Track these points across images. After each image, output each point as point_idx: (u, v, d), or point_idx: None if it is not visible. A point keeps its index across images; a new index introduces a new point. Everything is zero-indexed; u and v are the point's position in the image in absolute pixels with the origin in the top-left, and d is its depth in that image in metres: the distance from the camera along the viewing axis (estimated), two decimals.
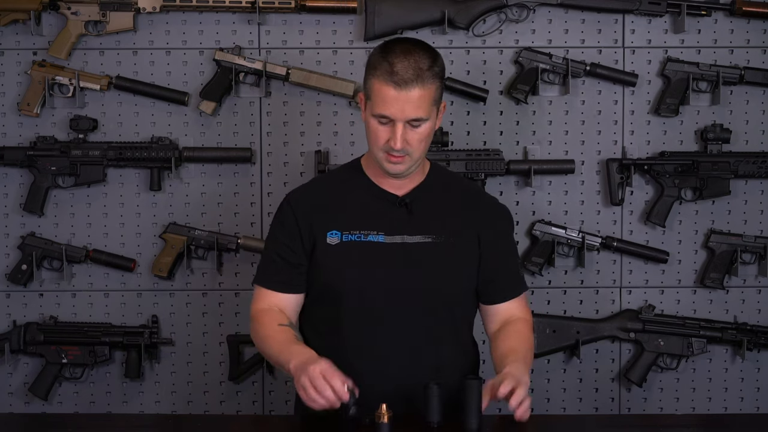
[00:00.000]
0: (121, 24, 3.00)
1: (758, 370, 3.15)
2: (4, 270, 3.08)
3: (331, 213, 2.18)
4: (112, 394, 3.12)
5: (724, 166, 3.05)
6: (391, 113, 2.06)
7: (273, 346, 2.15)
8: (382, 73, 2.07)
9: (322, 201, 2.20)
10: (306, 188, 2.28)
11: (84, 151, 3.01)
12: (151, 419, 2.68)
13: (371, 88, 2.09)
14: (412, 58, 2.07)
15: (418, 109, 2.07)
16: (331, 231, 2.17)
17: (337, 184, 2.25)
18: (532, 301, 3.12)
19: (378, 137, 2.10)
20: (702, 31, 3.07)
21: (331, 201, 2.20)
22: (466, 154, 3.02)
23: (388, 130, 2.09)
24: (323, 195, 2.22)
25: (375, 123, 2.10)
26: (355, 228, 2.17)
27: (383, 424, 1.93)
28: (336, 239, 2.17)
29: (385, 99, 2.06)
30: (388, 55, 2.08)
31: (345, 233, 2.17)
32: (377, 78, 2.08)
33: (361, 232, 2.17)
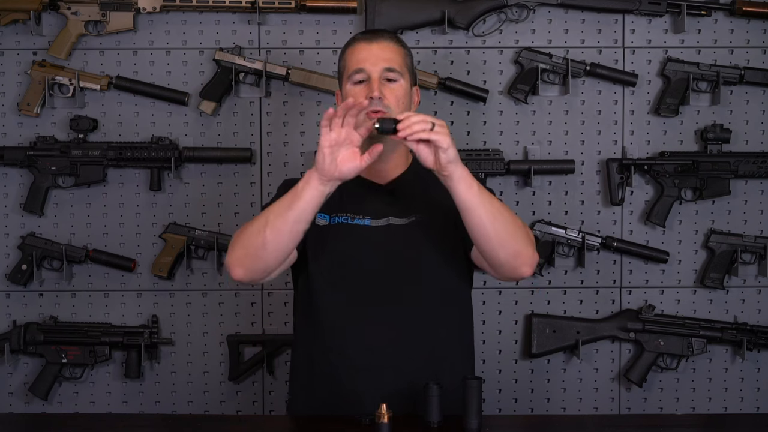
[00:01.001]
0: (121, 24, 3.00)
1: (758, 370, 3.15)
2: (4, 270, 3.08)
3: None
4: (112, 394, 3.12)
5: (724, 166, 3.05)
6: (365, 66, 2.14)
7: (274, 208, 2.06)
8: (351, 41, 2.21)
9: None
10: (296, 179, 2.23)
11: (84, 151, 3.01)
12: (151, 419, 2.68)
13: (344, 59, 2.19)
14: (376, 30, 2.26)
15: (391, 60, 2.16)
16: (320, 213, 2.13)
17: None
18: (532, 302, 3.12)
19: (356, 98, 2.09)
20: (702, 31, 3.07)
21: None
22: (466, 154, 3.02)
23: (364, 89, 2.13)
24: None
25: (353, 88, 2.16)
26: (343, 211, 2.20)
27: (383, 424, 1.94)
28: (324, 221, 2.18)
29: (359, 55, 2.16)
30: (355, 35, 2.23)
31: (333, 216, 2.18)
32: (347, 47, 2.20)
33: (348, 215, 2.19)
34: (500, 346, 3.14)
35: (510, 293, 3.12)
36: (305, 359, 2.21)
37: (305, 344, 2.22)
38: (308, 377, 2.21)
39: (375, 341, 2.15)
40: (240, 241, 2.08)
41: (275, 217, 2.04)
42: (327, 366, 2.17)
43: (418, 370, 2.15)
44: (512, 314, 3.13)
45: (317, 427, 2.08)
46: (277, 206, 2.06)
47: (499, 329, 3.14)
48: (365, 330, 2.15)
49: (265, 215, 2.06)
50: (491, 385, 3.11)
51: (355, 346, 2.15)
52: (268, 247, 2.05)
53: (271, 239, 2.04)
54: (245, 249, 2.07)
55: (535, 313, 3.11)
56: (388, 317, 2.16)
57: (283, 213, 2.04)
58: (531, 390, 3.15)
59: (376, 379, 2.13)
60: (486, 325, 3.13)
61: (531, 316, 3.10)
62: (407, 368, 2.16)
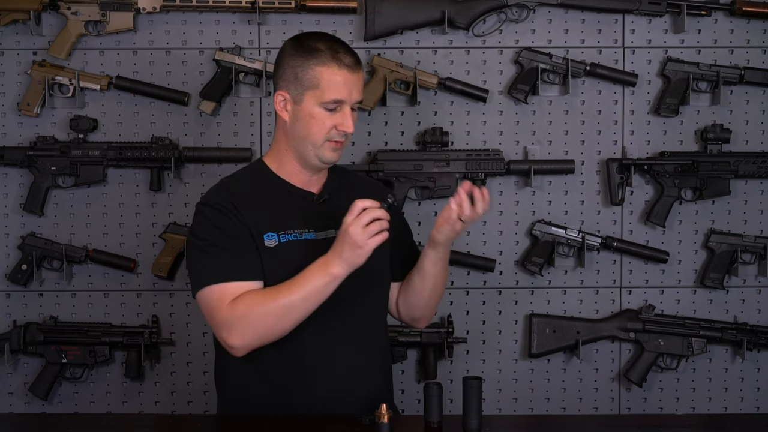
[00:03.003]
0: (121, 24, 3.00)
1: (758, 370, 3.15)
2: (4, 270, 3.08)
3: (260, 214, 2.13)
4: (112, 394, 3.12)
5: (724, 166, 3.05)
6: (344, 96, 2.12)
7: (285, 294, 2.03)
8: (329, 60, 2.12)
9: (246, 202, 2.13)
10: (220, 190, 2.18)
11: (84, 151, 3.01)
12: (151, 419, 2.68)
13: (316, 76, 2.11)
14: (344, 45, 2.16)
15: (361, 92, 2.17)
16: (267, 233, 2.12)
17: (249, 185, 2.19)
18: (532, 302, 3.12)
19: (324, 125, 2.13)
20: (702, 31, 3.07)
21: (254, 202, 2.14)
22: (466, 154, 3.02)
23: (335, 117, 2.13)
24: (244, 197, 2.14)
25: (322, 112, 2.13)
26: (289, 228, 2.15)
27: (383, 424, 1.94)
28: (274, 241, 2.12)
29: (338, 84, 2.12)
30: (320, 42, 2.14)
31: (281, 234, 2.14)
32: (324, 65, 2.12)
33: (295, 231, 2.16)
34: (500, 346, 3.14)
35: (510, 293, 3.12)
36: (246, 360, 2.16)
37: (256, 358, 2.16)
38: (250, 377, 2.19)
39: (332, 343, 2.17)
40: (252, 329, 2.05)
41: (297, 312, 2.04)
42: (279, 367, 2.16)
43: (370, 369, 2.22)
44: (512, 314, 3.13)
45: (317, 427, 2.08)
46: (289, 300, 2.03)
47: (499, 329, 3.14)
48: (325, 335, 2.15)
49: (276, 309, 2.03)
50: (491, 385, 3.11)
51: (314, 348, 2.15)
52: (285, 333, 2.07)
53: (291, 327, 2.07)
54: (260, 338, 2.06)
55: (535, 313, 3.11)
56: (346, 316, 2.17)
57: (306, 307, 2.04)
58: (531, 390, 3.15)
59: (328, 379, 2.16)
60: (486, 325, 3.13)
61: (531, 316, 3.10)
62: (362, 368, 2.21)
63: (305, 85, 2.13)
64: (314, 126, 2.14)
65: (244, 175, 2.24)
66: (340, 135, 2.14)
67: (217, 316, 2.08)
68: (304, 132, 2.15)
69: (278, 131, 2.22)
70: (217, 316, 2.08)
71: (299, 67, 2.13)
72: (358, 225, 1.99)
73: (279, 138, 2.22)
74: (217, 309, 2.07)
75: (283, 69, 2.16)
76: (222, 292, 2.07)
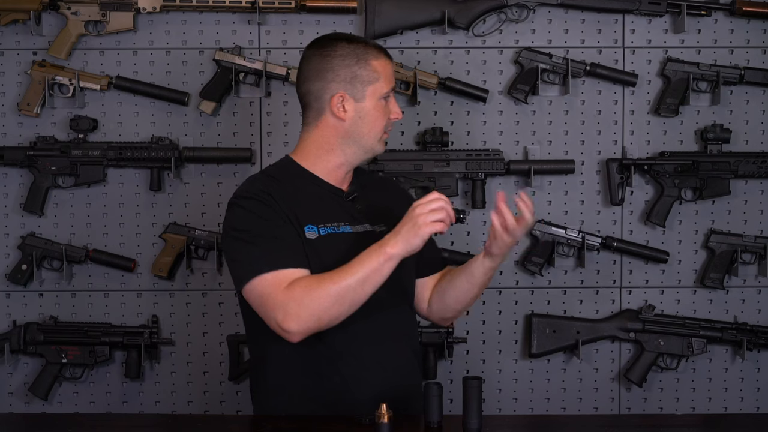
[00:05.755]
0: (121, 24, 3.00)
1: (758, 370, 3.15)
2: (4, 270, 3.08)
3: (297, 206, 2.13)
4: (112, 394, 3.12)
5: (724, 166, 3.05)
6: (393, 84, 2.22)
7: (342, 276, 2.02)
8: (377, 52, 2.19)
9: (282, 195, 2.13)
10: (255, 183, 2.17)
11: (84, 151, 3.01)
12: (151, 419, 2.68)
13: (376, 69, 2.17)
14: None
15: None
16: (307, 225, 2.12)
17: (282, 179, 2.18)
18: (532, 302, 3.12)
19: (384, 117, 2.20)
20: (702, 31, 3.07)
21: (289, 195, 2.14)
22: (466, 154, 3.02)
23: (387, 108, 2.21)
24: (280, 189, 2.14)
25: (381, 104, 2.19)
26: (326, 221, 2.15)
27: (383, 424, 1.93)
28: (314, 233, 2.12)
29: (390, 73, 2.21)
30: (359, 39, 2.24)
31: (320, 226, 2.14)
32: (376, 58, 2.18)
33: (333, 224, 2.16)
34: (500, 346, 3.14)
35: (510, 293, 3.13)
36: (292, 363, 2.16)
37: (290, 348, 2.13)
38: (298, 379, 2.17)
39: (374, 342, 2.17)
40: (308, 311, 2.01)
41: (354, 294, 2.02)
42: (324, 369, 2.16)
43: (405, 369, 2.22)
44: (512, 314, 3.13)
45: (317, 427, 2.08)
46: (347, 283, 2.02)
47: (499, 329, 3.14)
48: (366, 331, 2.15)
49: (334, 292, 2.01)
50: (491, 385, 3.11)
51: (357, 348, 2.15)
52: (342, 317, 2.06)
53: (348, 312, 2.05)
54: (317, 321, 2.03)
55: (535, 313, 3.11)
56: (384, 318, 2.17)
57: (364, 289, 2.03)
58: (531, 390, 3.15)
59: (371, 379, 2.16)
60: (486, 325, 3.13)
61: (531, 316, 3.10)
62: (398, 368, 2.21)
63: (366, 80, 2.16)
64: (378, 119, 2.18)
65: (275, 170, 2.24)
66: (391, 124, 2.22)
67: (272, 302, 2.02)
68: (367, 128, 2.18)
69: (320, 132, 2.19)
70: (272, 302, 2.02)
71: (356, 65, 2.16)
72: (426, 206, 2.02)
73: (321, 138, 2.19)
74: (273, 294, 2.03)
75: (335, 71, 2.15)
76: (276, 278, 2.03)
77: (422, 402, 2.03)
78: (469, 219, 3.02)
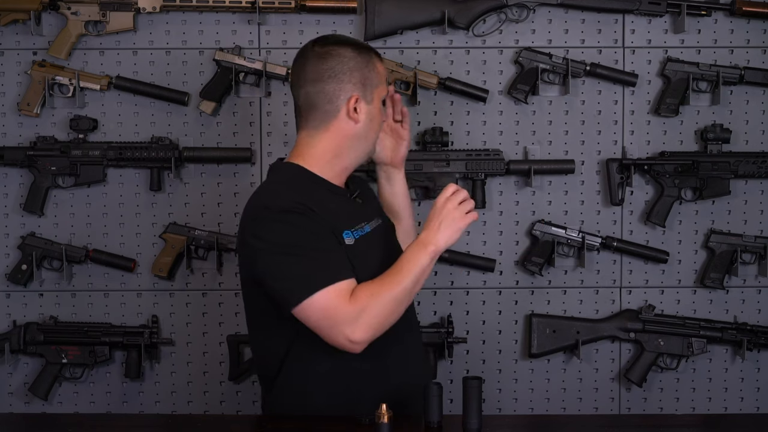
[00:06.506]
0: (121, 24, 3.00)
1: (758, 370, 3.15)
2: (4, 270, 3.08)
3: (328, 214, 2.12)
4: (112, 394, 3.12)
5: (724, 166, 3.05)
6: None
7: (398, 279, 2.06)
8: (377, 56, 2.22)
9: (314, 204, 2.10)
10: (287, 195, 2.11)
11: (84, 151, 3.01)
12: (151, 419, 2.68)
13: (380, 72, 2.21)
14: None
15: None
16: (344, 231, 2.12)
17: (303, 189, 2.14)
18: (532, 302, 3.12)
19: (382, 119, 2.25)
20: (702, 31, 3.07)
21: (317, 203, 2.11)
22: (466, 154, 3.02)
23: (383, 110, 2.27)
24: (309, 199, 2.11)
25: (381, 107, 2.23)
26: (354, 224, 2.17)
27: (383, 424, 1.94)
28: (351, 238, 2.13)
29: (386, 76, 2.25)
30: (359, 43, 2.24)
31: (353, 230, 2.15)
32: (379, 61, 2.22)
33: (360, 225, 2.18)
34: (500, 346, 3.14)
35: (510, 293, 3.13)
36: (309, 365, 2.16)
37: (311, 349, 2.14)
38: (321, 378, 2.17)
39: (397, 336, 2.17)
40: (377, 319, 2.03)
41: (409, 295, 2.09)
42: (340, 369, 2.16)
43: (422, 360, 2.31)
44: (512, 314, 3.13)
45: (317, 427, 2.08)
46: (404, 285, 2.05)
47: (499, 329, 3.14)
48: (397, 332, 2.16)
49: (395, 296, 2.05)
50: (491, 385, 3.11)
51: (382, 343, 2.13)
52: (396, 320, 2.10)
53: (402, 314, 2.10)
54: (382, 328, 2.06)
55: (535, 313, 3.11)
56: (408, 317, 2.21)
57: (415, 290, 2.09)
58: (531, 390, 3.15)
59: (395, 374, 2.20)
60: (486, 325, 3.13)
61: (531, 316, 3.10)
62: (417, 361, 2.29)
63: (373, 83, 2.18)
64: (379, 122, 2.23)
65: (291, 180, 2.17)
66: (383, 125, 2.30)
67: (341, 315, 2.00)
68: (373, 130, 2.20)
69: (333, 135, 2.17)
70: (341, 315, 2.00)
71: (365, 67, 2.17)
72: (455, 201, 2.09)
73: (333, 142, 2.17)
74: (340, 307, 2.01)
75: (350, 73, 2.15)
76: (338, 290, 2.02)
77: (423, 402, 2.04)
78: None
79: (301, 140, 2.21)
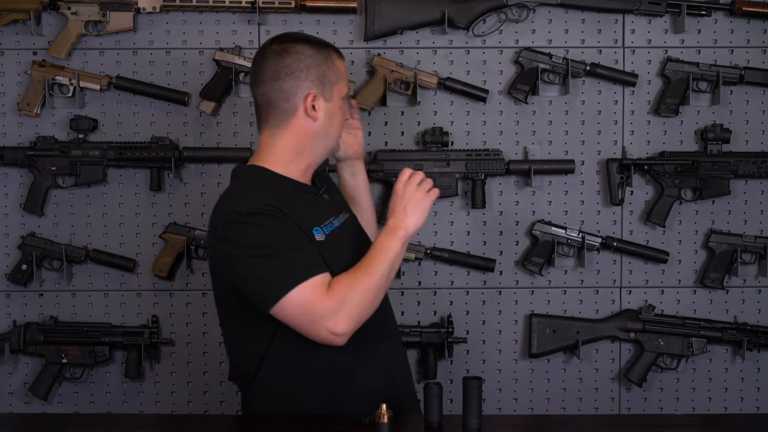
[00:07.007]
0: (121, 24, 3.00)
1: (758, 370, 3.15)
2: (4, 270, 3.08)
3: (296, 212, 2.11)
4: (112, 394, 3.12)
5: (724, 166, 3.05)
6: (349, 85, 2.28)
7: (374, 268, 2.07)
8: (337, 53, 2.21)
9: (282, 204, 2.09)
10: (254, 197, 2.11)
11: (84, 151, 3.01)
12: (151, 419, 2.68)
13: (339, 69, 2.19)
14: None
15: None
16: (314, 228, 2.12)
17: (270, 189, 2.14)
18: (532, 302, 3.12)
19: (344, 117, 2.23)
20: (702, 31, 3.07)
21: (285, 203, 2.10)
22: (466, 154, 3.02)
23: (345, 108, 2.24)
24: (276, 199, 2.10)
25: (342, 104, 2.21)
26: (322, 220, 2.17)
27: (383, 424, 1.94)
28: (322, 235, 2.13)
29: (346, 74, 2.23)
30: (318, 40, 2.21)
31: (323, 226, 2.15)
32: (339, 58, 2.21)
33: (328, 221, 2.18)
34: (500, 346, 3.14)
35: (510, 293, 3.13)
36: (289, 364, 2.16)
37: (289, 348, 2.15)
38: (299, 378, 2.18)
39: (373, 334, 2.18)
40: (357, 309, 2.04)
41: (386, 283, 2.10)
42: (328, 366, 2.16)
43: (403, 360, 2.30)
44: (512, 314, 3.13)
45: (317, 427, 2.08)
46: (380, 272, 2.07)
47: (499, 329, 3.14)
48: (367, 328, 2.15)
49: (372, 284, 2.06)
50: (491, 385, 3.11)
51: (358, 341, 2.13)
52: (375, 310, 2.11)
53: (379, 302, 2.12)
54: (363, 318, 2.07)
55: (535, 313, 3.11)
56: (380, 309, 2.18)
57: (391, 276, 2.11)
58: (531, 390, 3.15)
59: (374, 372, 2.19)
60: (486, 325, 3.13)
61: (531, 316, 3.10)
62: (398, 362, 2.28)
63: (332, 80, 2.16)
64: (341, 119, 2.21)
65: (257, 181, 2.17)
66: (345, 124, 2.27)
67: (319, 309, 2.01)
68: (334, 128, 2.19)
69: (292, 134, 2.17)
70: (319, 309, 2.01)
71: (324, 64, 2.16)
72: (414, 184, 2.12)
73: (293, 141, 2.17)
74: (318, 302, 2.01)
75: (307, 70, 2.14)
76: (315, 285, 2.02)
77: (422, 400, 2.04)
78: (470, 219, 3.04)
79: (264, 141, 2.20)
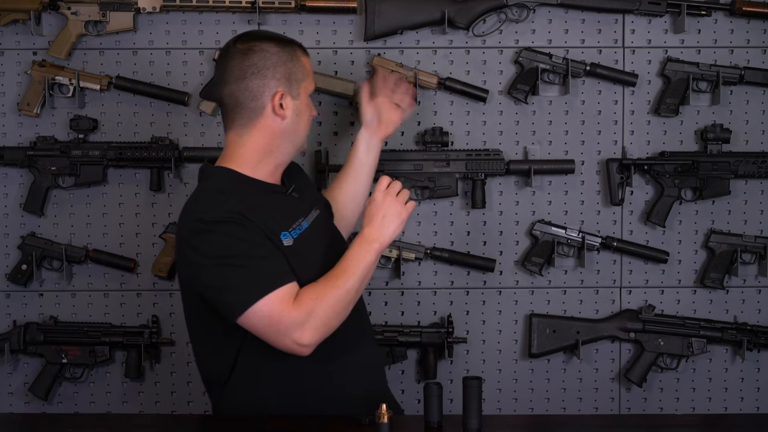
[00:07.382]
0: (121, 24, 3.00)
1: (758, 370, 3.15)
2: (4, 270, 3.08)
3: (262, 217, 2.09)
4: (112, 394, 3.12)
5: (724, 166, 3.05)
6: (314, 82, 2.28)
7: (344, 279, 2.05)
8: (302, 50, 2.21)
9: (247, 210, 2.08)
10: (218, 204, 2.09)
11: (84, 151, 3.01)
12: (151, 419, 2.68)
13: (305, 66, 2.19)
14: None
15: None
16: (281, 233, 2.10)
17: (237, 193, 2.12)
18: (532, 302, 3.12)
19: (310, 114, 2.23)
20: (702, 31, 3.07)
21: (251, 208, 2.09)
22: (466, 154, 3.02)
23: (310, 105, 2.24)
24: (242, 205, 2.09)
25: (309, 101, 2.22)
26: (290, 223, 2.14)
27: (383, 424, 1.94)
28: (290, 239, 2.11)
29: (312, 71, 2.24)
30: (283, 38, 2.21)
31: (291, 230, 2.13)
32: (304, 55, 2.21)
33: (296, 224, 2.15)
34: (500, 346, 3.14)
35: (510, 293, 3.12)
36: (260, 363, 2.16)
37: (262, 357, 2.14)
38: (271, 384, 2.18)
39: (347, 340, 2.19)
40: (323, 321, 2.03)
41: (356, 294, 2.08)
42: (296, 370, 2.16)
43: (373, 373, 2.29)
44: (512, 314, 3.13)
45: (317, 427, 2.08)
46: (350, 285, 2.05)
47: (499, 329, 3.14)
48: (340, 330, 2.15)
49: (341, 296, 2.04)
50: (491, 385, 3.11)
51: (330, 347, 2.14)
52: (344, 320, 2.10)
53: (348, 313, 2.10)
54: (330, 329, 2.06)
55: (535, 313, 3.11)
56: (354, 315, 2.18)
57: (362, 287, 2.09)
58: (531, 390, 3.15)
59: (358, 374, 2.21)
60: (486, 325, 3.13)
61: (531, 316, 3.10)
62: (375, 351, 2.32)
63: (298, 77, 2.16)
64: (308, 117, 2.21)
65: (223, 185, 2.16)
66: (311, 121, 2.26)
67: (285, 320, 2.00)
68: (302, 126, 2.19)
69: (260, 134, 2.16)
70: (285, 320, 2.00)
71: (290, 61, 2.15)
72: (393, 194, 2.11)
73: (262, 141, 2.16)
74: (284, 313, 2.00)
75: (274, 68, 2.13)
76: (281, 297, 2.01)
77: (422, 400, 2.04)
78: (469, 219, 3.04)
79: (230, 141, 2.19)
